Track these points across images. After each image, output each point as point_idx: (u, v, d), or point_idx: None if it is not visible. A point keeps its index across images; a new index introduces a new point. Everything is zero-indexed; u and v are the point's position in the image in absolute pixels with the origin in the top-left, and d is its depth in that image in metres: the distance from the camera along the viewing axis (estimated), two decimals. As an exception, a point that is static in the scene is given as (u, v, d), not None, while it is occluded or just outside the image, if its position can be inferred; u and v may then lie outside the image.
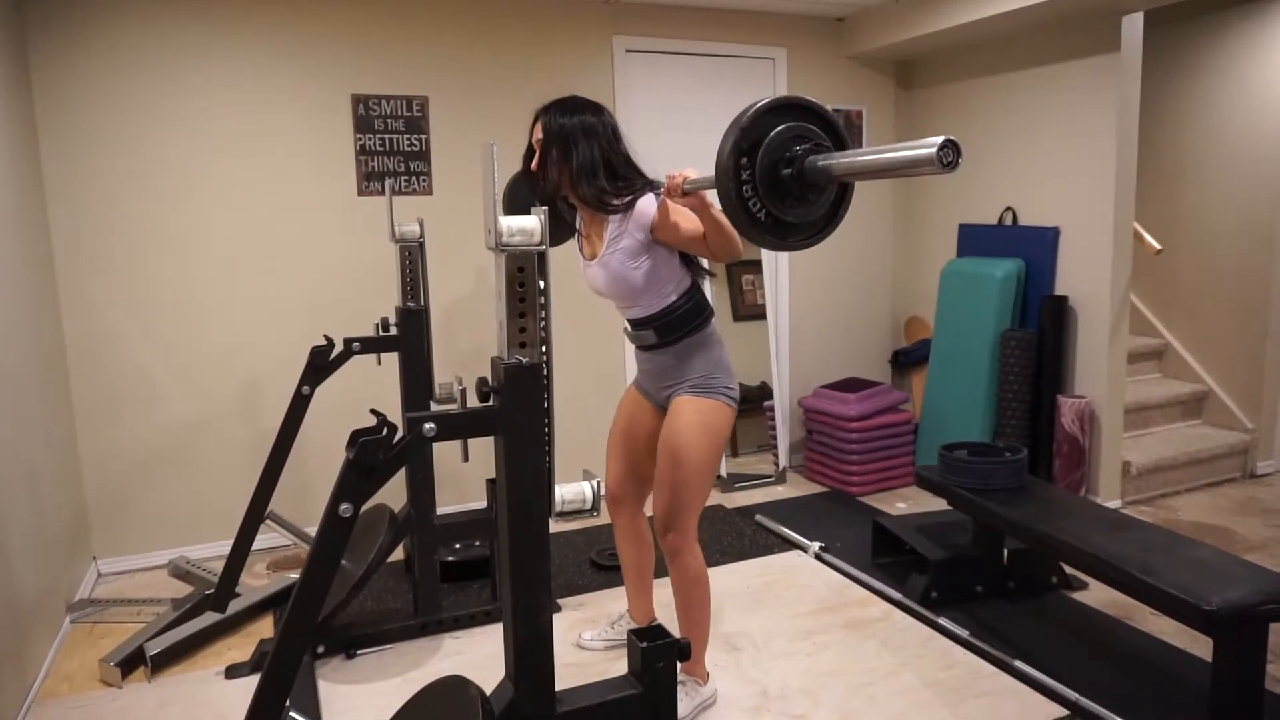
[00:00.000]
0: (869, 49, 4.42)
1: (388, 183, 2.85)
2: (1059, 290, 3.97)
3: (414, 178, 3.75)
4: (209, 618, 2.82)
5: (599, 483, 1.64)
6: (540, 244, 1.54)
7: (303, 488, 3.66)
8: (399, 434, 1.52)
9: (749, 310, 4.90)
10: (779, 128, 1.56)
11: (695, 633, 2.39)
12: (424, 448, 1.55)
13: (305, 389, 2.63)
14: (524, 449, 1.56)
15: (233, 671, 2.63)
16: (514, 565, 1.60)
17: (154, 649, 2.65)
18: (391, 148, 3.71)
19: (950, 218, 4.56)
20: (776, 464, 4.52)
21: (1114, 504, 3.91)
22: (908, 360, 4.83)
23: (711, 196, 2.17)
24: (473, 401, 1.63)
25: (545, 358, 1.57)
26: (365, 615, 3.01)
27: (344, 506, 1.48)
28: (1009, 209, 4.22)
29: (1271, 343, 4.29)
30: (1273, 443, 4.39)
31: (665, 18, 4.16)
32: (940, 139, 1.28)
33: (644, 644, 1.74)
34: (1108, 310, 3.77)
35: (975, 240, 4.38)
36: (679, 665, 2.37)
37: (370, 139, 3.67)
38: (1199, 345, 4.60)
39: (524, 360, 1.55)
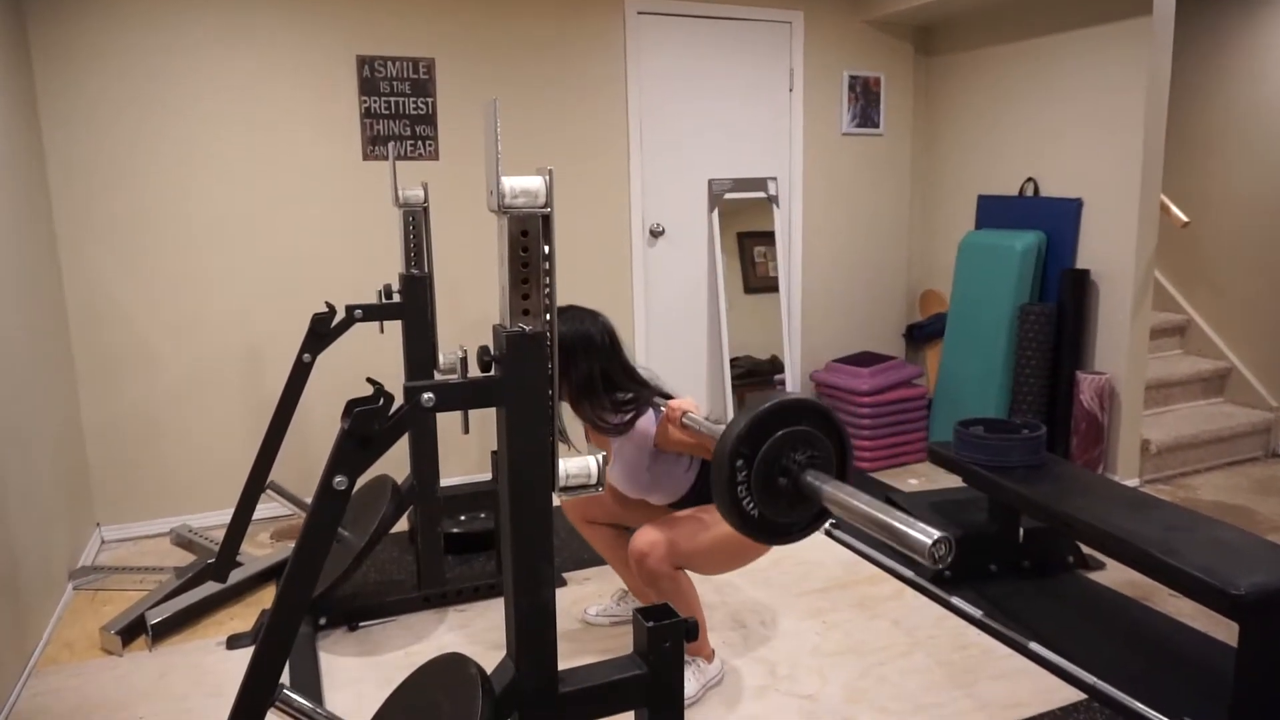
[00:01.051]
0: (889, 13, 4.28)
1: (391, 146, 2.77)
2: (1080, 263, 3.86)
3: (420, 142, 3.66)
4: (210, 587, 2.79)
5: (604, 456, 1.57)
6: (545, 206, 1.46)
7: (304, 457, 3.62)
8: (396, 404, 1.46)
9: (760, 282, 4.81)
10: (779, 433, 1.50)
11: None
12: (423, 418, 1.49)
13: (306, 357, 2.57)
14: (526, 420, 1.50)
15: (234, 641, 2.60)
16: (515, 541, 1.54)
17: (155, 618, 2.62)
18: (397, 111, 3.62)
19: (969, 188, 4.44)
20: (787, 438, 4.44)
21: (1132, 482, 3.84)
22: (922, 334, 4.74)
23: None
24: (474, 371, 1.56)
25: (549, 326, 1.50)
26: (368, 587, 2.97)
27: (338, 479, 1.43)
28: (1030, 180, 4.10)
29: (1298, 320, 4.18)
30: (1296, 422, 4.29)
31: (679, -22, 4.04)
32: (938, 534, 1.23)
33: (650, 623, 1.68)
34: (1131, 284, 3.67)
35: (995, 212, 4.27)
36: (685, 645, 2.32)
37: (375, 102, 3.58)
38: (1223, 321, 4.49)
39: (527, 328, 1.48)
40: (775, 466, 1.51)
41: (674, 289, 4.31)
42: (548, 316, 1.50)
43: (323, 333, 2.57)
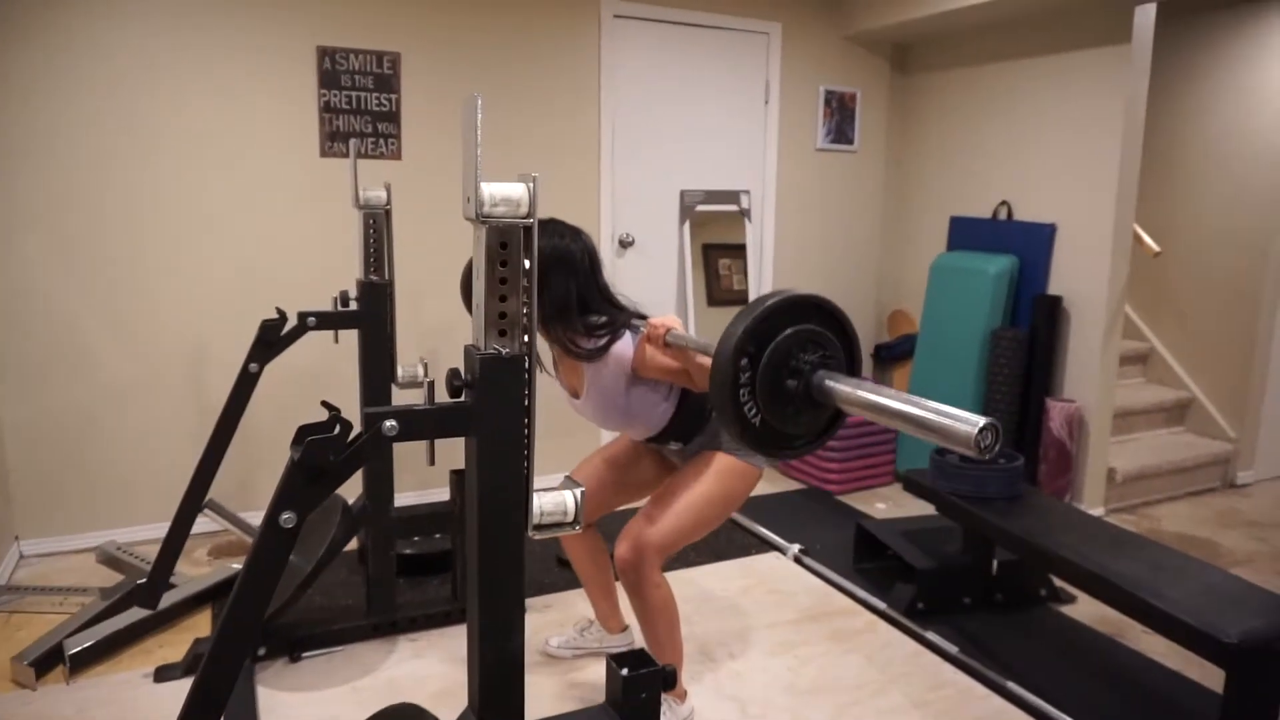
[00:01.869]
0: (867, 29, 4.23)
1: (352, 143, 2.59)
2: (1053, 289, 3.84)
3: (382, 140, 3.49)
4: (138, 612, 2.57)
5: (582, 493, 1.44)
6: (527, 216, 1.32)
7: (249, 473, 3.40)
8: (355, 431, 1.30)
9: (723, 295, 4.71)
10: (787, 331, 1.37)
11: (666, 656, 2.21)
12: (383, 447, 1.34)
13: (253, 366, 2.38)
14: (500, 453, 1.35)
15: (162, 674, 2.39)
16: (483, 584, 1.39)
17: (74, 647, 2.40)
18: (359, 106, 3.43)
19: (941, 209, 4.40)
20: (752, 458, 4.35)
21: (1098, 511, 3.81)
22: (890, 355, 4.69)
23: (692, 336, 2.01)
24: (442, 396, 1.41)
25: (528, 348, 1.36)
26: (313, 612, 2.78)
27: (286, 516, 1.27)
28: (1004, 203, 4.07)
29: (1259, 352, 4.21)
30: (1254, 453, 4.32)
31: (657, -17, 3.93)
32: (984, 421, 1.09)
33: (625, 671, 1.54)
34: (1103, 312, 3.65)
35: (967, 234, 4.23)
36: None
37: (336, 95, 3.40)
38: (1185, 351, 4.52)
39: (503, 351, 1.33)
40: (783, 368, 1.36)
41: (642, 302, 4.17)
42: (526, 337, 1.36)
43: (271, 341, 2.38)
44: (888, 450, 4.23)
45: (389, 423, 1.30)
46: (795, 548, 3.32)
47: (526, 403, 1.36)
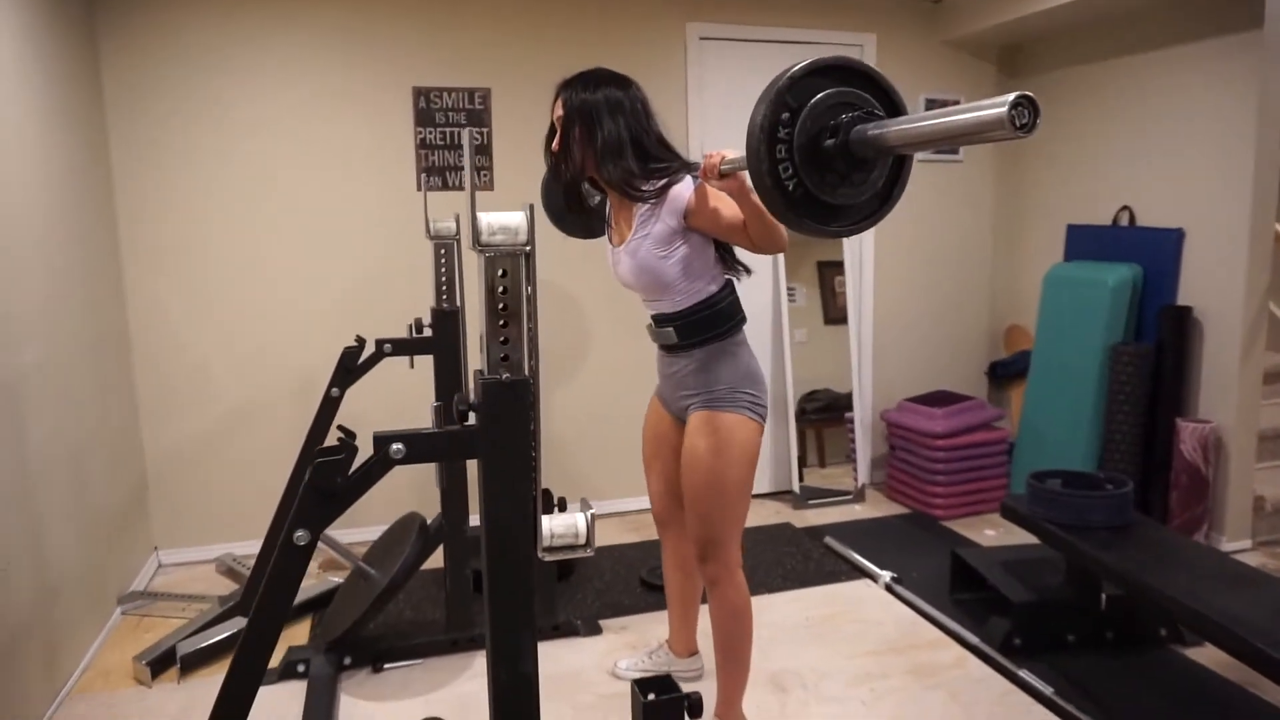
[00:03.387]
0: (969, 32, 4.04)
1: (424, 178, 2.73)
2: (1182, 300, 3.51)
3: (475, 172, 3.64)
4: (243, 619, 2.77)
5: (593, 515, 1.44)
6: (526, 244, 1.35)
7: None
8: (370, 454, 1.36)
9: (840, 313, 4.59)
10: (822, 93, 1.31)
11: (733, 672, 2.18)
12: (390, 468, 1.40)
13: (334, 391, 2.54)
14: (506, 476, 1.38)
15: (259, 678, 2.56)
16: (493, 606, 1.41)
17: (185, 650, 2.62)
18: (452, 141, 3.60)
19: (1057, 217, 4.12)
20: (855, 480, 4.20)
21: (1243, 544, 3.43)
22: (1006, 373, 4.42)
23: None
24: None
25: (532, 373, 1.38)
26: (400, 625, 2.91)
27: (299, 533, 1.34)
28: (1125, 208, 3.77)
29: None
30: None
31: (743, 2, 3.91)
32: (1012, 96, 1.04)
33: (647, 697, 1.53)
34: (1240, 323, 3.30)
35: (1085, 242, 3.94)
36: (714, 712, 2.15)
37: (431, 132, 3.58)
38: (1354, 365, 4.00)
39: (506, 376, 1.36)
40: (820, 129, 1.30)
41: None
42: (530, 363, 1.39)
43: (350, 367, 2.53)
44: (1000, 474, 3.98)
45: (396, 445, 1.35)
46: (887, 575, 3.17)
47: (532, 426, 1.39)
